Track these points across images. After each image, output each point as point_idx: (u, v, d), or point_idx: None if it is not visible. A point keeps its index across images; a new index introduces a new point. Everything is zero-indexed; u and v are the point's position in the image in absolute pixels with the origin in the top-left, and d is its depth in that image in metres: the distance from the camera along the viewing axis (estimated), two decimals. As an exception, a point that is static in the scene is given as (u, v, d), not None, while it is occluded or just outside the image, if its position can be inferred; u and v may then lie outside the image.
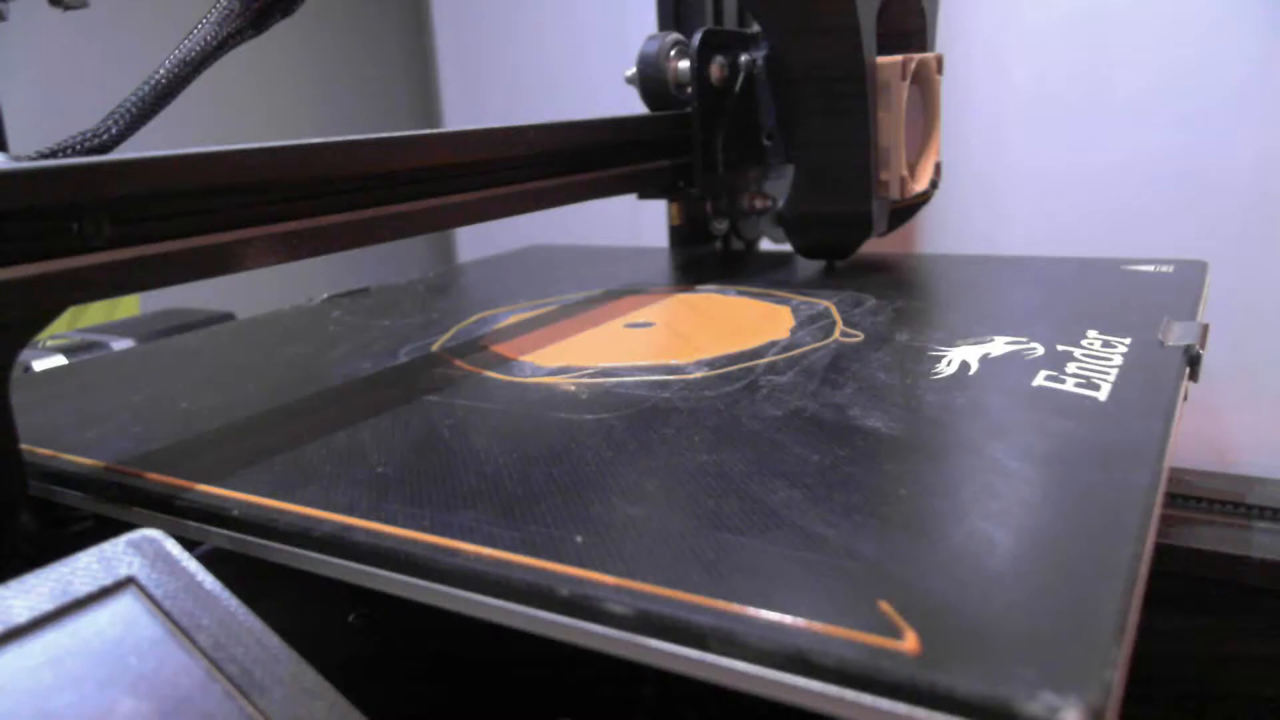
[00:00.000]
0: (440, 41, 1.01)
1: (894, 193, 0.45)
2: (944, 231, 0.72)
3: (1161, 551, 0.21)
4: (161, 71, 0.31)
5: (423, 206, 0.32)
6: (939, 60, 0.47)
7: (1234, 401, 0.63)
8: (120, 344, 0.49)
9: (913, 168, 0.47)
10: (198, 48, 0.31)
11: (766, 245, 0.62)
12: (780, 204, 0.49)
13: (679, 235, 0.60)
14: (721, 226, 0.58)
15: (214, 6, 0.31)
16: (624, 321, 0.38)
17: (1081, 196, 0.66)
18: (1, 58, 0.74)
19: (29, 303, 0.21)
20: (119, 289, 0.23)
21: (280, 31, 0.33)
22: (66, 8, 0.42)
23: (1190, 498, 0.30)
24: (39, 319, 0.22)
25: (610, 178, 0.42)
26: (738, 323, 0.36)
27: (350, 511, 0.21)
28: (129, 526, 0.20)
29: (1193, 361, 0.29)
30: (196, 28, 0.31)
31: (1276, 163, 0.60)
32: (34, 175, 0.21)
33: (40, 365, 0.44)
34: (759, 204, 0.55)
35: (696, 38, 0.46)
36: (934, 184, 0.49)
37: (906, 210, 0.50)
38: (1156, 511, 0.20)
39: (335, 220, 0.29)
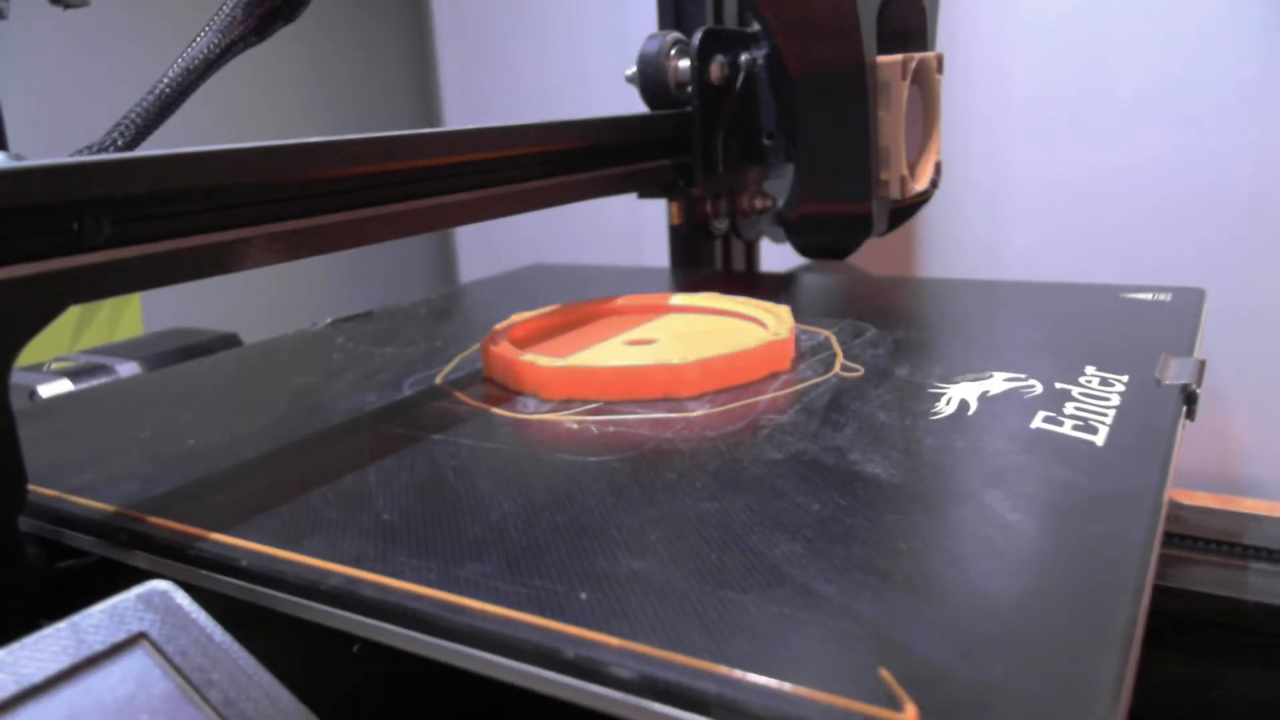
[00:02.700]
0: (440, 42, 1.01)
1: (894, 192, 0.45)
2: (944, 233, 0.72)
3: (1156, 592, 0.21)
4: (165, 81, 0.30)
5: (423, 206, 0.32)
6: (939, 60, 0.47)
7: (1239, 407, 0.63)
8: (125, 366, 0.49)
9: (913, 167, 0.47)
10: (201, 55, 0.31)
11: (766, 245, 0.62)
12: (780, 204, 0.49)
13: (679, 235, 0.60)
14: (721, 226, 0.58)
15: (216, 14, 0.31)
16: (625, 340, 0.37)
17: (1082, 202, 0.67)
18: (1, 58, 0.75)
19: (29, 302, 0.21)
20: (119, 288, 0.23)
21: (281, 32, 0.33)
22: (67, 6, 0.41)
23: (1186, 536, 0.30)
24: (39, 319, 0.22)
25: (610, 177, 0.42)
26: (740, 352, 0.36)
27: (358, 563, 0.21)
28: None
29: (1189, 400, 0.30)
30: (199, 35, 0.31)
31: (1278, 169, 0.60)
32: (34, 174, 0.21)
33: (46, 390, 0.45)
34: (759, 204, 0.55)
35: (697, 37, 0.46)
36: (934, 183, 0.49)
37: (906, 210, 0.51)
38: (1153, 564, 0.20)
39: (335, 220, 0.29)
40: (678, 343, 0.37)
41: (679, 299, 0.43)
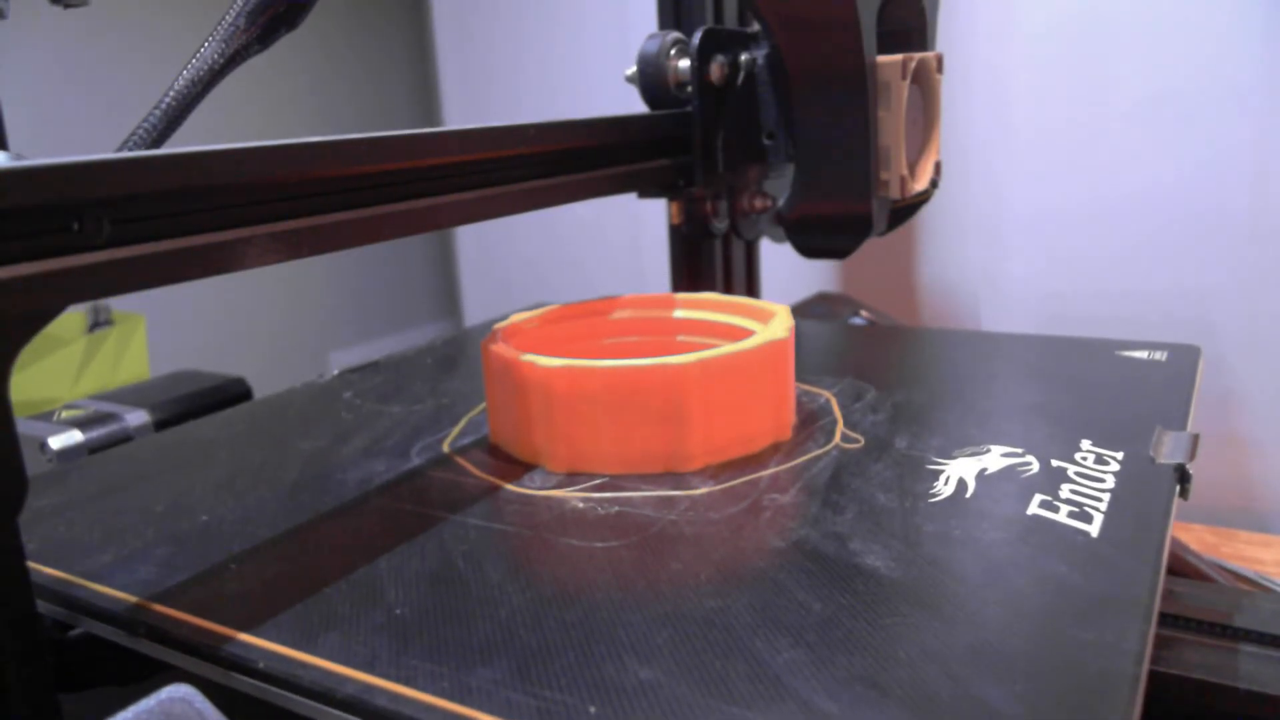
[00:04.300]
0: (440, 42, 1.02)
1: (894, 192, 0.46)
2: (944, 245, 0.73)
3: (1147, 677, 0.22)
4: (170, 94, 0.31)
5: (423, 206, 0.32)
6: (939, 59, 0.48)
7: (1243, 430, 0.64)
8: (134, 415, 0.49)
9: (913, 167, 0.47)
10: (205, 67, 0.31)
11: (766, 245, 0.63)
12: (780, 204, 0.50)
13: (679, 235, 0.60)
14: (721, 226, 0.58)
15: (219, 25, 0.32)
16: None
17: (1082, 217, 0.67)
18: (1, 58, 0.75)
19: (29, 302, 0.21)
20: (119, 288, 0.23)
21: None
22: (67, 6, 0.41)
23: (1179, 617, 0.31)
24: (39, 318, 0.22)
25: (610, 177, 0.42)
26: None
27: (372, 665, 0.22)
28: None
29: (1183, 479, 0.30)
30: (203, 47, 0.31)
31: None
32: (34, 173, 0.21)
33: (56, 442, 0.45)
34: (759, 204, 0.55)
35: (697, 37, 0.46)
36: (934, 183, 0.49)
37: (906, 209, 0.51)
38: (1145, 672, 0.21)
39: (335, 220, 0.29)
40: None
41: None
